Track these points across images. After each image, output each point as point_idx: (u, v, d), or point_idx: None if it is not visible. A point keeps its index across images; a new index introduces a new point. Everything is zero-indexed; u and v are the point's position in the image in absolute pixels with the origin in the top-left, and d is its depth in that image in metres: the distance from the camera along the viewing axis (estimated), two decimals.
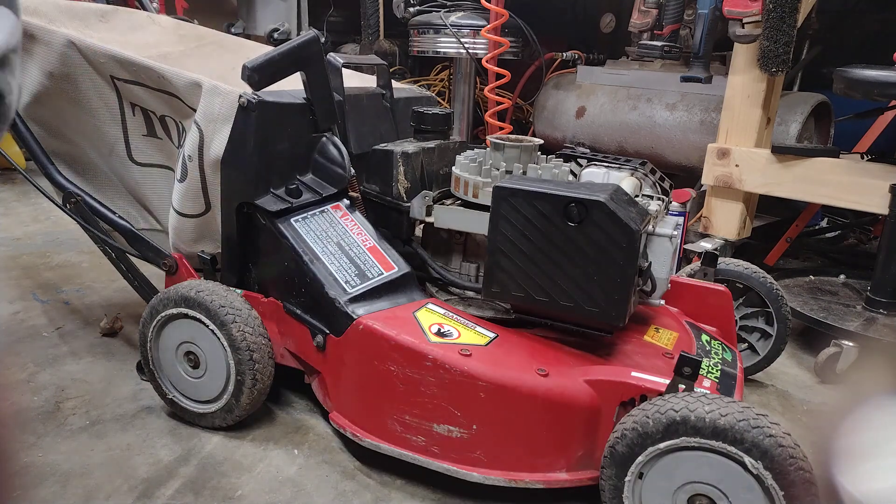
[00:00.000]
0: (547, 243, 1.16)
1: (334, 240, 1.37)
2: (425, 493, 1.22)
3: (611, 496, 1.05)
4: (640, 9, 2.56)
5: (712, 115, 2.39)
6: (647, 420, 0.99)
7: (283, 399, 1.50)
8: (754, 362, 1.61)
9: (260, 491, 1.20)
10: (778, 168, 1.99)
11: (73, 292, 2.03)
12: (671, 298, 1.47)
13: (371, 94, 1.63)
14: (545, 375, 1.13)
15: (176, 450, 1.31)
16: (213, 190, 1.41)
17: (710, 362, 1.26)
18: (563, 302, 1.17)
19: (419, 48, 3.22)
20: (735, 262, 1.59)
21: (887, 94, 1.71)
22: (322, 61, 1.40)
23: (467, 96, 3.29)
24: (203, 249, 1.48)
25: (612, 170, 1.38)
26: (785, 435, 0.93)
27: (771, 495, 0.93)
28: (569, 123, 2.89)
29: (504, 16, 2.83)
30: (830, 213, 3.06)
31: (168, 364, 1.38)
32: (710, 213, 2.18)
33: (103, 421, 1.39)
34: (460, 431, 1.15)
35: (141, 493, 1.18)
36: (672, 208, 1.66)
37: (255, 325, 1.31)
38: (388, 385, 1.18)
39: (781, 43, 1.84)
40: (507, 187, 1.17)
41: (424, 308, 1.29)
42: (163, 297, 1.34)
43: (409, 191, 1.45)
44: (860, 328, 1.75)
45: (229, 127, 1.33)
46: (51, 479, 1.20)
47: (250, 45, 1.94)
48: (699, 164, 2.23)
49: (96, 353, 1.67)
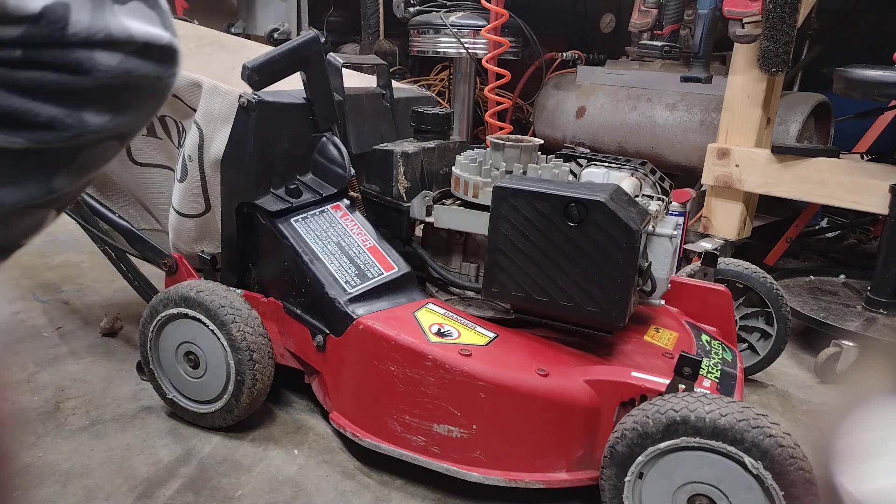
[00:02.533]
0: (547, 243, 1.16)
1: (334, 240, 1.37)
2: (425, 493, 1.22)
3: (611, 496, 1.05)
4: (640, 9, 2.56)
5: (712, 115, 2.39)
6: (647, 420, 0.99)
7: (283, 399, 1.50)
8: (754, 362, 1.61)
9: (260, 491, 1.20)
10: (778, 168, 1.99)
11: (73, 292, 2.03)
12: (671, 298, 1.47)
13: (371, 94, 1.63)
14: (545, 375, 1.13)
15: (176, 450, 1.31)
16: (213, 190, 1.41)
17: (710, 362, 1.26)
18: (563, 302, 1.17)
19: (419, 48, 3.22)
20: (735, 262, 1.59)
21: (887, 94, 1.71)
22: (322, 61, 1.40)
23: (467, 96, 3.29)
24: (203, 249, 1.48)
25: (612, 170, 1.38)
26: (785, 435, 0.94)
27: (771, 495, 0.93)
28: (569, 123, 2.89)
29: (504, 16, 2.82)
30: (830, 213, 3.06)
31: (168, 364, 1.38)
32: (710, 213, 2.18)
33: (103, 421, 1.39)
34: (460, 431, 1.15)
35: (141, 493, 1.18)
36: (672, 208, 1.65)
37: (255, 325, 1.31)
38: (388, 385, 1.18)
39: (781, 43, 1.84)
40: (507, 187, 1.17)
41: (424, 308, 1.29)
42: (163, 297, 1.34)
43: (409, 191, 1.45)
44: (860, 328, 1.75)
45: (229, 127, 1.33)
46: (51, 479, 1.20)
47: (250, 45, 1.94)
48: (699, 164, 2.23)
49: (96, 353, 1.67)
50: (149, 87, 0.46)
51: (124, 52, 0.43)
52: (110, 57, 0.42)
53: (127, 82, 0.44)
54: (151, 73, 0.45)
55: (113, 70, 0.42)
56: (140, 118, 0.47)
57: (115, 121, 0.45)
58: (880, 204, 1.79)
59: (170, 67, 0.46)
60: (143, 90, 0.46)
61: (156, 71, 0.45)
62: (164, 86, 0.47)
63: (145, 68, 0.44)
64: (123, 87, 0.44)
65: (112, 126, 0.45)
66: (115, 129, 0.45)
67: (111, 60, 0.43)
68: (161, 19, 0.46)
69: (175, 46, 0.46)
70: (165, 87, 0.47)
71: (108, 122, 0.44)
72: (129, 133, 0.47)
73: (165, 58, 0.46)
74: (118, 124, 0.45)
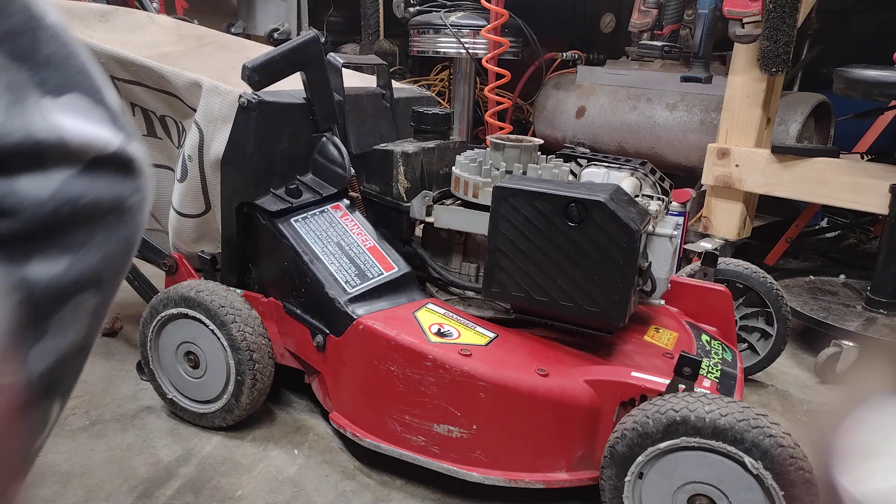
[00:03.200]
0: (547, 243, 1.16)
1: (334, 240, 1.37)
2: (425, 493, 1.22)
3: (611, 496, 1.05)
4: (640, 9, 2.56)
5: (712, 115, 2.39)
6: (647, 420, 0.99)
7: (283, 399, 1.50)
8: (754, 362, 1.61)
9: (260, 491, 1.20)
10: (778, 168, 1.99)
11: None
12: (671, 298, 1.47)
13: (371, 94, 1.63)
14: (545, 375, 1.13)
15: (176, 450, 1.31)
16: (213, 190, 1.41)
17: (710, 362, 1.26)
18: (563, 302, 1.17)
19: (419, 48, 3.22)
20: (735, 262, 1.59)
21: (887, 94, 1.71)
22: (322, 61, 1.40)
23: (467, 96, 3.29)
24: (203, 249, 1.48)
25: (612, 170, 1.38)
26: (785, 435, 0.94)
27: (771, 495, 0.93)
28: (569, 123, 2.89)
29: (504, 16, 2.82)
30: (830, 213, 3.06)
31: (168, 364, 1.38)
32: (710, 213, 2.18)
33: (103, 421, 1.39)
34: (460, 431, 1.15)
35: (141, 493, 1.18)
36: (672, 208, 1.65)
37: (255, 325, 1.31)
38: (388, 385, 1.18)
39: (781, 43, 1.84)
40: (507, 187, 1.17)
41: (424, 308, 1.29)
42: (163, 297, 1.34)
43: (409, 191, 1.45)
44: (860, 328, 1.75)
45: (229, 127, 1.33)
46: (51, 479, 1.20)
47: (250, 45, 1.94)
48: (699, 164, 2.23)
49: (96, 353, 1.66)
50: (112, 214, 0.34)
51: (62, 171, 0.31)
52: (41, 182, 0.30)
53: (75, 214, 0.32)
54: (107, 196, 0.33)
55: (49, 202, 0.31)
56: (110, 255, 0.35)
57: (77, 267, 0.33)
58: (880, 204, 1.79)
59: (131, 181, 0.35)
60: (104, 219, 0.34)
61: (113, 191, 0.34)
62: (129, 207, 0.35)
63: (97, 190, 0.33)
64: (72, 222, 0.32)
65: (75, 275, 0.33)
66: (82, 278, 0.33)
67: (43, 188, 0.31)
68: (110, 116, 0.35)
69: (130, 153, 0.35)
70: (133, 209, 0.36)
71: (65, 271, 0.32)
72: (104, 279, 0.35)
73: (121, 170, 0.34)
74: (83, 270, 0.33)
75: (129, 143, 0.35)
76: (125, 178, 0.35)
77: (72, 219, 0.32)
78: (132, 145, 0.35)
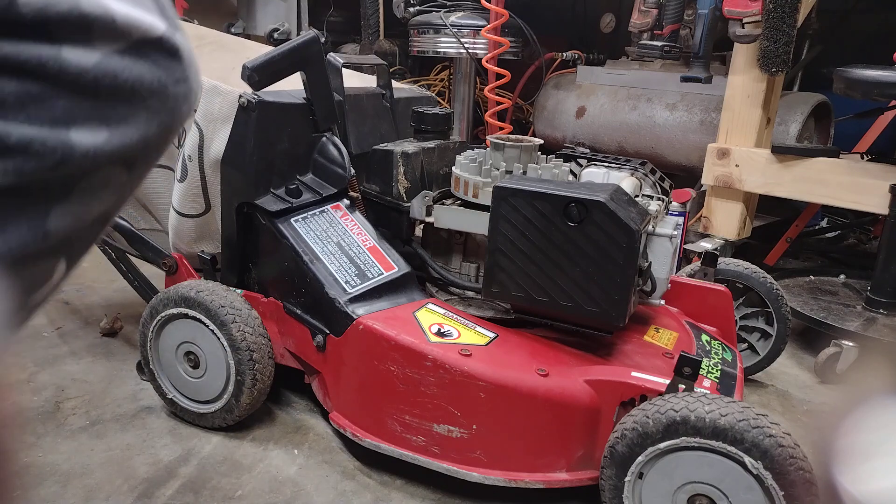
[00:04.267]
0: (547, 243, 1.16)
1: (334, 240, 1.37)
2: (425, 493, 1.22)
3: (611, 496, 1.05)
4: (640, 9, 2.56)
5: (712, 115, 2.39)
6: (647, 420, 0.99)
7: (283, 399, 1.50)
8: (754, 362, 1.61)
9: (260, 491, 1.20)
10: (778, 168, 1.99)
11: (73, 292, 2.03)
12: (671, 298, 1.47)
13: (371, 94, 1.63)
14: (545, 375, 1.13)
15: (176, 450, 1.31)
16: (213, 190, 1.41)
17: (710, 362, 1.26)
18: (563, 302, 1.17)
19: (419, 48, 3.22)
20: (735, 262, 1.59)
21: (887, 94, 1.71)
22: (322, 61, 1.40)
23: (467, 96, 3.29)
24: (203, 249, 1.48)
25: (612, 170, 1.38)
26: (785, 435, 0.94)
27: (771, 495, 0.93)
28: (569, 123, 2.89)
29: (504, 16, 2.82)
30: (830, 213, 3.06)
31: (168, 364, 1.38)
32: (710, 213, 2.18)
33: (103, 421, 1.39)
34: (460, 431, 1.15)
35: (141, 493, 1.18)
36: (672, 208, 1.65)
37: (255, 325, 1.31)
38: (388, 385, 1.18)
39: (781, 43, 1.84)
40: (507, 187, 1.17)
41: (424, 308, 1.29)
42: (163, 297, 1.34)
43: (409, 191, 1.45)
44: (860, 328, 1.75)
45: (229, 127, 1.33)
46: (51, 479, 1.20)
47: (250, 45, 1.94)
48: (699, 164, 2.23)
49: (96, 353, 1.67)
50: (155, 97, 0.35)
51: (106, 46, 0.32)
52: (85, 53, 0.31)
53: (116, 88, 0.33)
54: (149, 78, 0.34)
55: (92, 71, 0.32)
56: (148, 138, 0.36)
57: (114, 140, 0.34)
58: (880, 204, 1.79)
59: (174, 70, 0.36)
60: (147, 101, 0.35)
61: (156, 74, 0.34)
62: (173, 94, 0.36)
63: (140, 69, 0.34)
64: (113, 96, 0.33)
65: (111, 148, 0.34)
66: (116, 152, 0.34)
67: (87, 58, 0.31)
68: (158, 5, 0.35)
69: (175, 42, 0.35)
70: (178, 97, 0.36)
71: (104, 142, 0.33)
72: (136, 158, 0.36)
73: (166, 56, 0.35)
74: (119, 145, 0.34)
75: (174, 32, 0.36)
76: (170, 65, 0.35)
77: (114, 92, 0.33)
78: (178, 35, 0.36)
